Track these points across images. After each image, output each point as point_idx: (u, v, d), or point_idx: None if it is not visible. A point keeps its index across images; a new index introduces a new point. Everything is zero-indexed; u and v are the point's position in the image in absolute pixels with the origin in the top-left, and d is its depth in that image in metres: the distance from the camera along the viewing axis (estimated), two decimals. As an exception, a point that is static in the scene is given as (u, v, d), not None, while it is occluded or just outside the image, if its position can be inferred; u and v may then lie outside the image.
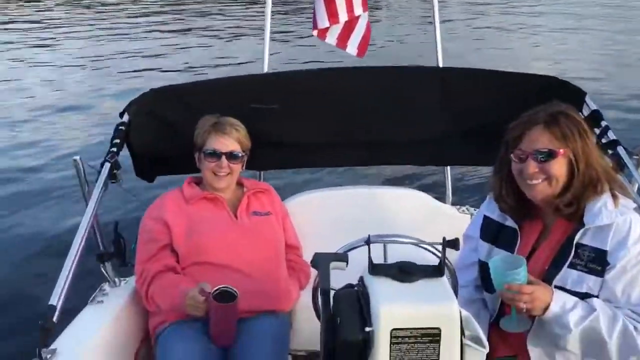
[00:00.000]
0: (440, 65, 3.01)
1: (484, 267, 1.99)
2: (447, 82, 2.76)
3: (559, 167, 1.79)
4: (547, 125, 1.80)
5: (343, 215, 2.76)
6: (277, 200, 2.61)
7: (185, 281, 2.22)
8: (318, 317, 1.94)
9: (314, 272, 2.57)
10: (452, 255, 2.16)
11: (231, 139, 2.41)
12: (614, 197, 1.81)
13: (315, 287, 1.92)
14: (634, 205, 1.85)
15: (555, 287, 1.78)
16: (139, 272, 2.31)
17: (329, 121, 2.76)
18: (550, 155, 1.78)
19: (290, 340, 2.40)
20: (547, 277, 1.81)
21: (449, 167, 3.29)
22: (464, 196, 3.55)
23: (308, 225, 2.72)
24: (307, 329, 2.50)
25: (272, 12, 3.05)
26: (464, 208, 3.00)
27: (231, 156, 2.39)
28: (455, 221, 2.79)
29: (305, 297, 2.50)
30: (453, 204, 3.13)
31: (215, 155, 2.37)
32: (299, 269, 2.56)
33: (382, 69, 2.85)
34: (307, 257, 2.62)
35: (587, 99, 2.61)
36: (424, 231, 2.01)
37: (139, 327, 2.42)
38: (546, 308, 1.72)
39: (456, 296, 1.86)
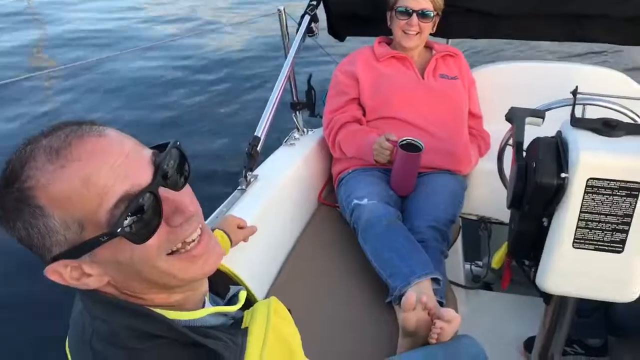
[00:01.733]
0: None
1: None
2: None
3: None
4: None
5: (530, 90, 2.65)
6: (465, 66, 2.59)
7: (372, 131, 2.35)
8: (501, 178, 1.97)
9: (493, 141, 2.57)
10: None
11: None
12: None
13: (503, 144, 1.94)
14: None
15: None
16: (327, 121, 2.48)
17: None
18: None
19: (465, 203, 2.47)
20: None
21: None
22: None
23: (493, 97, 2.69)
24: (481, 195, 2.55)
25: None
26: None
27: (422, 14, 2.38)
28: None
29: (483, 164, 2.54)
30: None
31: (407, 13, 2.38)
32: (479, 136, 2.57)
33: None
34: (489, 127, 2.62)
35: None
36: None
37: (324, 170, 2.64)
38: None
39: None
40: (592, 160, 1.30)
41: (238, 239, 1.67)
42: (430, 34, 2.54)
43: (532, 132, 1.49)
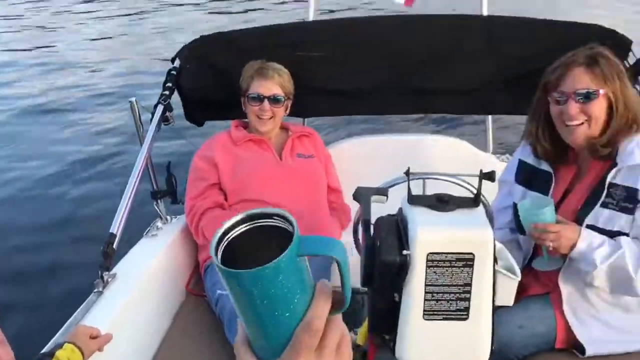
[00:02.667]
0: (485, 13, 3.00)
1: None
2: (492, 30, 2.75)
3: (599, 108, 1.80)
4: (587, 66, 1.82)
5: (385, 162, 2.81)
6: (320, 144, 2.70)
7: (233, 215, 2.34)
8: (358, 250, 2.04)
9: (354, 213, 2.67)
10: (489, 197, 2.24)
11: (274, 83, 2.48)
12: None
13: (357, 221, 2.01)
14: None
15: (587, 226, 1.82)
16: (189, 208, 2.45)
17: (374, 69, 2.80)
18: (591, 95, 1.80)
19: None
20: (580, 216, 1.84)
21: (490, 117, 3.30)
22: (504, 145, 3.57)
23: (350, 171, 2.81)
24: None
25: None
26: (504, 157, 3.03)
27: (274, 100, 2.47)
28: (495, 169, 2.82)
29: (346, 237, 2.61)
30: (493, 152, 3.16)
31: (259, 99, 2.46)
32: (340, 210, 2.66)
33: (428, 17, 2.86)
34: (349, 201, 2.72)
35: (633, 47, 2.58)
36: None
37: (190, 259, 2.58)
38: (573, 246, 1.78)
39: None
40: (429, 236, 1.39)
41: (91, 350, 1.57)
42: (288, 114, 2.64)
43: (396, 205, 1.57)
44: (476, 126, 3.49)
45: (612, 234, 1.80)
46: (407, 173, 1.56)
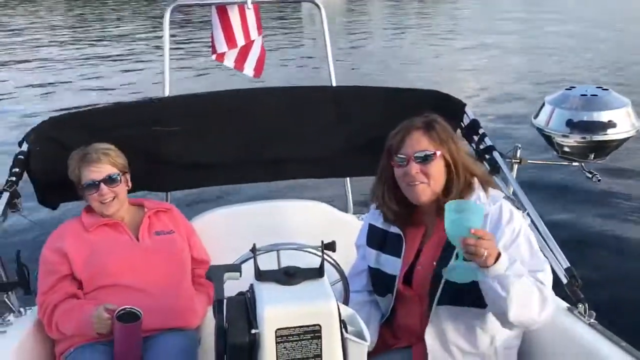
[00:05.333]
0: (334, 84, 3.19)
1: (372, 272, 2.15)
2: (340, 100, 2.95)
3: (437, 169, 1.95)
4: (425, 130, 1.98)
5: (249, 230, 2.84)
6: (180, 218, 2.67)
7: (88, 304, 2.25)
8: None
9: None
10: (350, 260, 2.33)
11: (103, 164, 2.41)
12: (485, 190, 1.99)
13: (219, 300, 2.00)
14: (502, 194, 2.07)
15: (447, 281, 1.86)
16: (40, 303, 2.33)
17: (231, 141, 2.87)
18: (430, 156, 1.94)
19: (200, 357, 2.45)
20: (437, 273, 1.92)
21: (348, 179, 3.46)
22: (364, 205, 3.74)
23: (216, 242, 2.79)
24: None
25: (170, 35, 3.14)
26: (363, 216, 3.16)
27: (109, 181, 2.40)
28: (356, 229, 2.95)
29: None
30: (354, 213, 3.30)
31: (94, 185, 2.38)
32: (207, 284, 2.62)
33: (280, 89, 3.00)
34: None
35: (467, 109, 2.86)
36: (326, 240, 2.13)
37: (46, 354, 2.41)
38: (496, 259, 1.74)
39: (347, 297, 2.01)
40: (276, 312, 1.42)
41: None
42: (150, 190, 2.60)
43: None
44: (337, 188, 3.64)
45: (471, 285, 1.82)
46: (254, 250, 1.60)
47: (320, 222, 2.97)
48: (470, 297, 1.88)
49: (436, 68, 13.52)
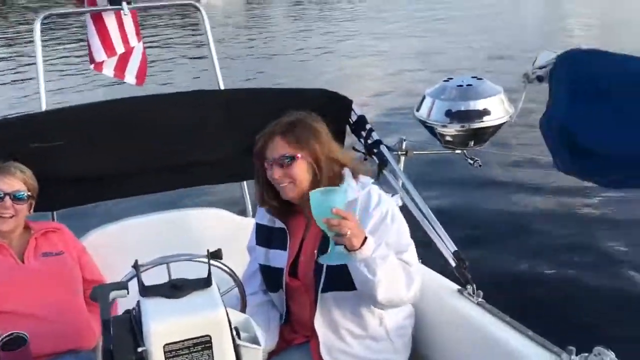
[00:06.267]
0: (222, 87, 3.16)
1: (262, 269, 2.18)
2: (230, 103, 2.92)
3: (300, 170, 1.99)
4: (283, 135, 2.02)
5: (145, 243, 2.75)
6: (70, 237, 2.56)
7: None
8: None
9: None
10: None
11: (16, 179, 2.34)
12: (355, 177, 2.04)
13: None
14: (372, 180, 2.12)
15: (328, 268, 1.94)
16: None
17: (119, 151, 2.76)
18: (290, 160, 1.99)
19: None
20: (318, 262, 1.97)
21: (245, 183, 3.44)
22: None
23: (109, 259, 2.69)
24: None
25: (43, 45, 2.98)
26: None
27: (16, 197, 2.32)
28: None
29: None
30: (254, 216, 3.28)
31: None
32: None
33: (165, 96, 2.93)
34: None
35: (354, 106, 2.93)
36: (228, 246, 2.08)
37: None
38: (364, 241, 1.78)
39: (244, 302, 2.00)
40: (163, 327, 1.39)
41: None
42: (35, 210, 2.47)
43: None
44: (234, 193, 3.62)
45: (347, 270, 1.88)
46: (136, 266, 1.56)
47: (219, 229, 2.94)
48: (352, 281, 1.92)
49: (330, 67, 13.73)
